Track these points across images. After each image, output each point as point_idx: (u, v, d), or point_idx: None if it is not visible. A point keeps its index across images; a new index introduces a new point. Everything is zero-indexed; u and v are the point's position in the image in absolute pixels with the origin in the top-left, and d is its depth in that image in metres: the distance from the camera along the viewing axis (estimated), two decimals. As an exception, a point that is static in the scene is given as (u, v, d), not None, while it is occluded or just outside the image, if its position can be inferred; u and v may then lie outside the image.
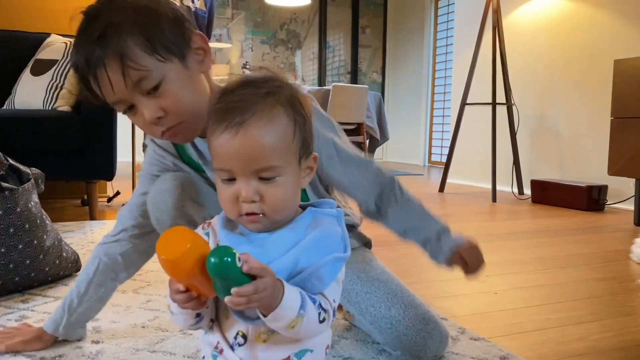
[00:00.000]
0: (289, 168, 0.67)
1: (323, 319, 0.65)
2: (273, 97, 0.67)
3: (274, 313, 0.61)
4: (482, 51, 3.68)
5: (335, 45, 7.34)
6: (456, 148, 3.83)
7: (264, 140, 0.64)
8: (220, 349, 0.70)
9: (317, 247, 0.66)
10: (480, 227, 2.58)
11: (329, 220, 0.70)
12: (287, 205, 0.68)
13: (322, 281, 0.65)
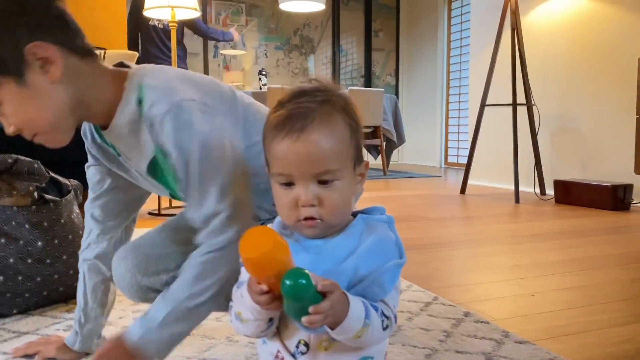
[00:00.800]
0: (345, 173, 0.68)
1: (386, 326, 0.66)
2: (329, 105, 0.69)
3: (341, 326, 0.62)
4: (500, 52, 3.67)
5: (348, 49, 7.35)
6: (476, 149, 3.82)
7: (325, 145, 0.66)
8: (281, 357, 0.71)
9: (375, 254, 0.68)
10: (505, 228, 2.57)
11: (381, 226, 0.71)
12: (343, 209, 0.69)
13: (383, 288, 0.66)
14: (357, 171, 0.71)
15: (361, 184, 0.73)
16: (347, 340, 0.64)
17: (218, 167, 0.82)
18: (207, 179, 0.82)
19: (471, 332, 1.18)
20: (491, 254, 2.01)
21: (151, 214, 2.89)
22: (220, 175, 0.82)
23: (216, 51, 6.82)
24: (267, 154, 0.71)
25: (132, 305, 1.36)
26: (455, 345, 1.11)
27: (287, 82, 6.96)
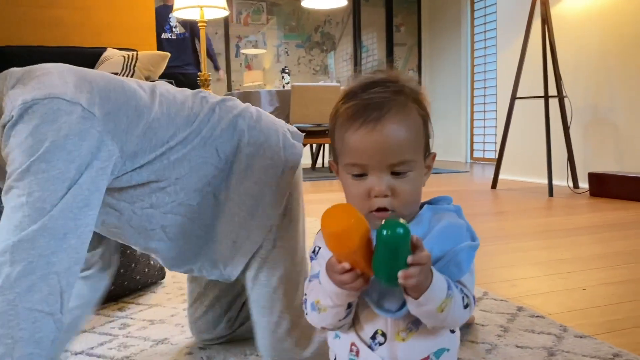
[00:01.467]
0: (418, 164, 0.68)
1: (466, 304, 0.65)
2: (403, 95, 0.68)
3: (427, 293, 0.60)
4: (529, 43, 3.61)
5: (369, 45, 7.32)
6: (506, 143, 3.77)
7: (401, 135, 0.65)
8: (356, 350, 0.70)
9: (448, 237, 0.67)
10: (541, 223, 2.54)
11: (450, 214, 0.71)
12: (415, 200, 0.69)
13: (460, 268, 0.65)
14: (426, 162, 0.71)
15: (427, 176, 0.72)
16: (431, 315, 0.63)
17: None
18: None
19: (528, 326, 1.16)
20: (532, 248, 1.98)
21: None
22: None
23: (237, 51, 6.85)
24: (339, 144, 0.70)
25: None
26: (515, 340, 1.09)
27: (309, 79, 6.96)
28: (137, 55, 2.62)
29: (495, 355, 1.02)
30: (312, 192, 3.92)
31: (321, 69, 7.20)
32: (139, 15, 3.16)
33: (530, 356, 1.01)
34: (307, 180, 4.71)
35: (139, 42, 3.12)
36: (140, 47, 2.98)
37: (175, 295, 1.44)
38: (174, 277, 1.62)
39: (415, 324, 0.67)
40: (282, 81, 5.66)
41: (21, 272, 0.70)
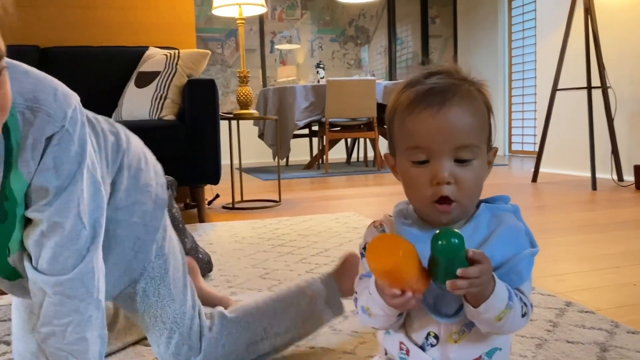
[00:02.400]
0: (482, 153, 0.67)
1: (524, 313, 0.65)
2: (467, 83, 0.68)
3: (487, 303, 0.61)
4: (571, 34, 3.53)
5: (404, 38, 7.26)
6: (547, 135, 3.70)
7: (467, 119, 0.65)
8: (406, 349, 0.71)
9: (508, 244, 0.66)
10: (585, 217, 2.48)
11: (508, 215, 0.69)
12: (476, 194, 0.67)
13: (520, 276, 0.65)
14: (488, 156, 0.69)
15: (488, 171, 0.71)
16: (488, 323, 0.63)
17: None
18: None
19: (578, 322, 1.15)
20: (577, 242, 1.95)
21: (226, 208, 2.97)
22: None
23: (272, 47, 6.89)
24: (398, 131, 0.69)
25: None
26: (565, 335, 1.08)
27: (343, 74, 6.95)
28: (179, 53, 2.67)
29: (546, 350, 1.01)
30: (347, 186, 3.93)
31: (355, 63, 7.18)
32: (179, 13, 3.22)
33: (582, 351, 1.01)
34: (341, 174, 4.72)
35: (180, 40, 3.18)
36: (181, 46, 3.04)
37: (223, 287, 1.48)
38: (221, 270, 1.66)
39: (469, 326, 0.68)
40: (317, 76, 5.67)
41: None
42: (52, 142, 0.70)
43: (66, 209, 0.72)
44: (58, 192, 0.72)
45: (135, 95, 2.67)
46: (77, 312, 0.75)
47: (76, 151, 0.73)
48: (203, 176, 2.48)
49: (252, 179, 4.52)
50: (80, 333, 0.75)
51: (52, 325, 0.74)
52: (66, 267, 0.73)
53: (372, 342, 1.08)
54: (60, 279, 0.73)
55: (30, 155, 0.69)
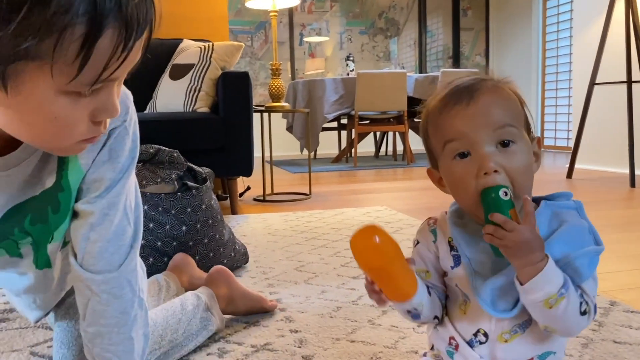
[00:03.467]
0: (522, 135, 0.66)
1: (584, 310, 0.63)
2: (491, 80, 0.69)
3: (533, 281, 0.60)
4: (610, 26, 3.43)
5: (435, 30, 7.17)
6: (584, 131, 3.61)
7: (499, 101, 0.65)
8: (455, 344, 0.70)
9: (568, 242, 0.65)
10: (623, 214, 2.42)
11: (570, 213, 0.67)
12: (526, 181, 0.65)
13: (578, 273, 0.63)
14: (533, 146, 0.68)
15: (537, 164, 0.69)
16: (538, 309, 0.62)
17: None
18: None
19: (624, 322, 1.13)
20: (617, 241, 1.90)
21: (257, 200, 2.98)
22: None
23: (301, 39, 6.89)
24: (433, 134, 0.69)
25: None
26: (611, 335, 1.06)
27: (372, 66, 6.91)
28: (212, 46, 2.69)
29: (592, 350, 0.99)
30: (376, 180, 3.91)
31: (384, 56, 7.13)
32: (212, 6, 3.24)
33: (630, 352, 0.98)
34: (370, 168, 4.70)
35: (213, 33, 3.20)
36: (214, 38, 3.06)
37: (259, 279, 1.49)
38: (257, 261, 1.67)
39: (522, 327, 0.67)
40: (347, 68, 5.65)
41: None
42: (111, 136, 0.71)
43: (117, 202, 0.73)
44: (111, 185, 0.72)
45: (170, 87, 2.70)
46: (124, 312, 0.75)
47: (130, 147, 0.74)
48: (236, 168, 2.49)
49: (280, 171, 4.53)
50: (127, 333, 0.76)
51: (99, 325, 0.75)
52: (112, 264, 0.74)
53: (412, 337, 1.07)
54: (107, 277, 0.73)
55: (91, 147, 0.69)
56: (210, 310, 1.08)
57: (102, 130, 0.61)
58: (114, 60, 0.54)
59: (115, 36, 0.52)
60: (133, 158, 0.75)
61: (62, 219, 0.74)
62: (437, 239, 0.73)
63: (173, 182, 1.41)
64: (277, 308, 1.24)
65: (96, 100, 0.57)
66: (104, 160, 0.71)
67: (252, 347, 1.05)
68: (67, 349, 0.90)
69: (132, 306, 0.76)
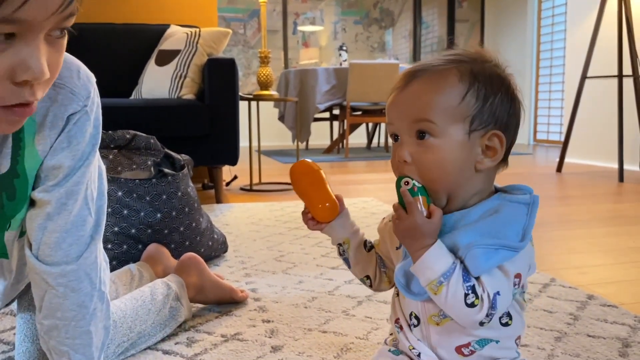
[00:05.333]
0: (447, 131, 0.63)
1: (471, 303, 0.61)
2: (455, 64, 0.65)
3: (415, 265, 0.63)
4: (603, 21, 3.41)
5: (430, 21, 7.13)
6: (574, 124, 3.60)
7: (425, 95, 0.64)
8: (400, 325, 0.72)
9: (483, 233, 0.62)
10: (611, 208, 2.42)
11: (516, 207, 0.65)
12: (441, 177, 0.64)
13: (474, 263, 0.61)
14: (478, 140, 0.64)
15: (490, 160, 0.65)
16: (429, 293, 0.64)
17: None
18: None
19: (599, 315, 1.11)
20: (601, 235, 1.89)
21: (243, 189, 2.96)
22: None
23: (295, 28, 6.83)
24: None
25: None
26: (585, 329, 1.05)
27: (366, 57, 6.87)
28: (199, 32, 2.65)
29: (565, 344, 0.98)
30: (367, 171, 3.89)
31: (379, 46, 7.09)
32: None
33: (603, 346, 0.97)
34: (362, 159, 4.68)
35: (201, 19, 3.15)
36: (202, 24, 3.01)
37: (237, 268, 1.47)
38: (236, 251, 1.65)
39: None
40: (340, 58, 5.61)
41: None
42: (70, 121, 0.68)
43: (75, 191, 0.70)
44: (70, 173, 0.69)
45: (156, 73, 2.66)
46: (81, 305, 0.72)
47: (91, 133, 0.71)
48: (221, 157, 2.46)
49: (271, 161, 4.51)
50: (84, 327, 0.73)
51: (55, 319, 0.72)
52: (69, 256, 0.70)
53: (385, 328, 1.05)
54: (64, 270, 0.70)
55: (48, 133, 0.67)
56: (180, 300, 1.06)
57: (29, 97, 0.54)
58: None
59: None
60: (94, 145, 0.72)
61: (18, 206, 0.71)
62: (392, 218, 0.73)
63: (149, 168, 1.38)
64: (247, 299, 1.22)
65: (14, 52, 0.50)
66: (63, 147, 0.68)
67: (222, 336, 1.03)
68: (30, 343, 0.87)
69: (90, 300, 0.73)
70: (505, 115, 0.66)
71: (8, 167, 0.67)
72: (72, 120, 0.68)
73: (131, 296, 0.99)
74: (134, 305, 0.96)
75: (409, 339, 0.70)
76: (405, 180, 0.64)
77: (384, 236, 0.77)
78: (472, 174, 0.65)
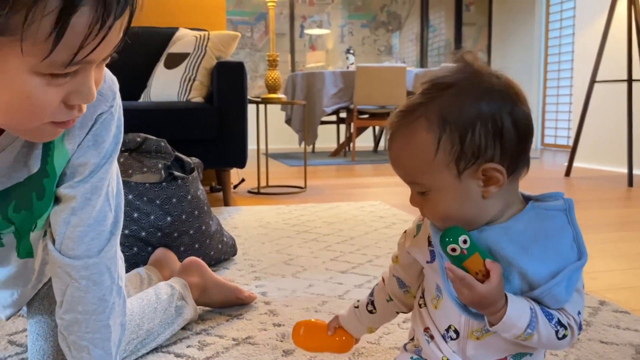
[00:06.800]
0: (437, 184, 0.62)
1: (563, 335, 0.61)
2: (424, 108, 0.61)
3: (497, 326, 0.60)
4: (612, 24, 3.39)
5: (437, 25, 7.12)
6: (583, 129, 3.58)
7: (402, 159, 0.64)
8: (431, 334, 0.70)
9: (546, 259, 0.61)
10: (620, 214, 2.40)
11: (555, 217, 0.63)
12: (451, 216, 0.62)
13: (557, 300, 0.60)
14: (473, 176, 0.60)
15: (495, 187, 0.60)
16: (515, 341, 0.62)
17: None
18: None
19: (612, 322, 1.11)
20: (612, 240, 1.88)
21: (251, 192, 2.96)
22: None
23: (302, 31, 6.84)
24: None
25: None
26: (598, 335, 1.04)
27: (373, 60, 6.86)
28: (208, 35, 2.66)
29: (578, 350, 0.97)
30: (374, 175, 3.89)
31: (386, 50, 7.08)
32: (210, -5, 3.21)
33: (616, 352, 0.97)
34: (368, 163, 4.68)
35: (210, 22, 3.16)
36: (211, 28, 3.02)
37: (247, 272, 1.47)
38: (245, 254, 1.65)
39: None
40: (347, 62, 5.61)
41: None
42: (98, 121, 0.71)
43: (99, 187, 0.73)
44: (95, 170, 0.72)
45: (164, 76, 2.67)
46: (102, 299, 0.74)
47: (114, 132, 0.73)
48: (229, 160, 2.47)
49: (278, 164, 4.51)
50: (104, 320, 0.75)
51: (77, 313, 0.73)
52: (92, 249, 0.73)
53: (396, 333, 1.05)
54: (87, 262, 0.72)
55: (78, 132, 0.69)
56: (185, 299, 1.06)
57: (77, 114, 0.59)
58: (90, 40, 0.51)
59: (92, 14, 0.50)
60: (117, 144, 0.74)
61: (46, 205, 0.73)
62: (419, 234, 0.72)
63: (159, 171, 1.38)
64: (255, 300, 1.22)
65: (72, 83, 0.55)
66: (89, 145, 0.71)
67: (234, 340, 1.03)
68: (44, 341, 0.88)
69: (110, 293, 0.75)
70: (492, 142, 0.60)
71: (38, 167, 0.69)
72: (100, 120, 0.71)
73: (137, 297, 1.00)
74: (140, 304, 0.97)
75: (442, 350, 0.68)
76: (452, 247, 0.58)
77: (409, 253, 0.74)
78: (484, 203, 0.62)
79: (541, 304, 0.61)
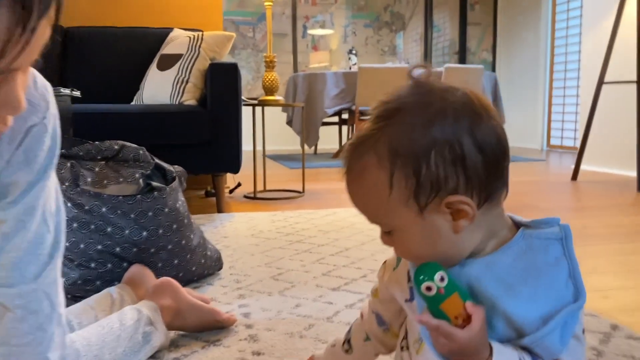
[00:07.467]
0: (399, 223, 0.54)
1: None
2: (372, 141, 0.54)
3: None
4: (621, 24, 3.28)
5: (441, 24, 7.01)
6: (590, 131, 3.47)
7: (358, 199, 0.57)
8: (404, 345, 0.64)
9: (535, 298, 0.52)
10: (631, 221, 2.29)
11: (549, 248, 0.55)
12: (423, 255, 0.54)
13: (550, 351, 0.52)
14: (440, 209, 0.52)
15: (465, 220, 0.52)
16: None
17: None
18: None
19: (626, 351, 1.00)
20: (623, 252, 1.77)
21: (247, 197, 2.87)
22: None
23: (305, 31, 6.75)
24: None
25: None
26: (611, 368, 0.94)
27: (376, 60, 6.76)
28: (202, 35, 2.57)
29: None
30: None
31: (389, 50, 6.98)
32: (206, -5, 3.12)
33: (631, 391, 0.86)
34: (371, 165, 4.57)
35: (206, 22, 3.07)
36: (207, 28, 2.93)
37: (231, 289, 1.37)
38: (232, 267, 1.56)
39: None
40: (349, 62, 5.51)
41: None
42: (28, 134, 0.63)
43: (34, 207, 0.64)
44: (27, 189, 0.64)
45: (157, 78, 2.58)
46: (40, 329, 0.66)
47: (49, 146, 0.65)
48: (223, 165, 2.38)
49: (278, 166, 4.42)
50: (43, 354, 0.66)
51: (10, 346, 0.65)
52: (26, 276, 0.65)
53: (387, 365, 0.95)
54: (22, 290, 0.64)
55: (6, 147, 0.61)
56: (154, 324, 0.97)
57: (3, 128, 0.52)
58: (11, 46, 0.43)
59: (10, 16, 0.42)
60: (52, 157, 0.66)
61: None
62: (399, 266, 0.64)
63: (137, 181, 1.29)
64: (235, 323, 1.12)
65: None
66: (20, 162, 0.63)
67: (206, 341, 0.94)
68: None
69: (50, 322, 0.67)
70: (453, 171, 0.52)
71: None
72: (30, 133, 0.63)
73: (96, 324, 0.91)
74: (99, 332, 0.88)
75: None
76: (427, 286, 0.51)
77: (387, 288, 0.67)
78: (458, 237, 0.53)
79: (532, 354, 0.52)
